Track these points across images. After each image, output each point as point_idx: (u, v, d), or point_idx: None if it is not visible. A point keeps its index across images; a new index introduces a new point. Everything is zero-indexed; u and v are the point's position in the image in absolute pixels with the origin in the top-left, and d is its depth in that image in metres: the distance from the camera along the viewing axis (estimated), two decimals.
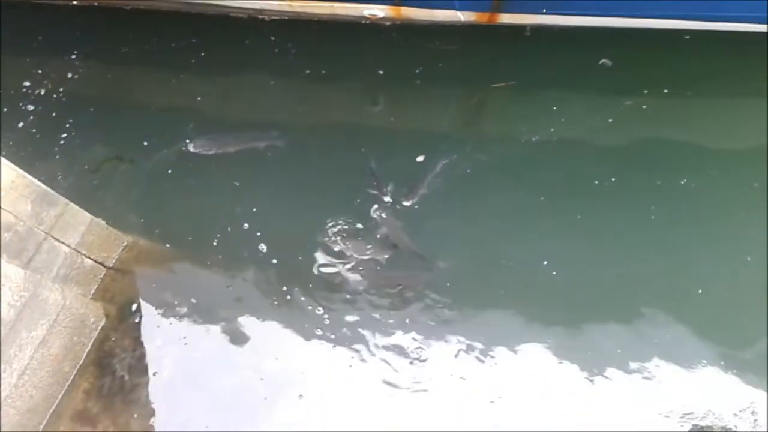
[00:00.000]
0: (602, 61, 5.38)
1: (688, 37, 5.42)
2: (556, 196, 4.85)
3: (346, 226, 4.67)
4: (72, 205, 4.19)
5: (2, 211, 3.81)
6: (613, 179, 4.89)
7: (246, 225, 4.74)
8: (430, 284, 4.46)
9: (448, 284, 4.47)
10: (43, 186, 4.04)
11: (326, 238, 4.63)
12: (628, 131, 5.19)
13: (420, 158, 5.00)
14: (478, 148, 5.11)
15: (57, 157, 5.05)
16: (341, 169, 4.97)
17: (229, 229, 4.72)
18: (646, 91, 5.28)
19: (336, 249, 4.58)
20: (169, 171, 5.01)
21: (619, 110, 5.26)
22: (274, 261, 4.55)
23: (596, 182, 4.88)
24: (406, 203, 4.76)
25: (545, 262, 4.53)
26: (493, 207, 4.83)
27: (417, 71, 5.42)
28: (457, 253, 4.62)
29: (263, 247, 4.61)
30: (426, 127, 5.28)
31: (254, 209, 4.81)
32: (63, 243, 4.16)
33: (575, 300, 4.41)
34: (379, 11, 5.08)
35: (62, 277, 4.17)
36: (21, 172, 3.91)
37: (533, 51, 5.51)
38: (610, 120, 5.20)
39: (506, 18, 5.10)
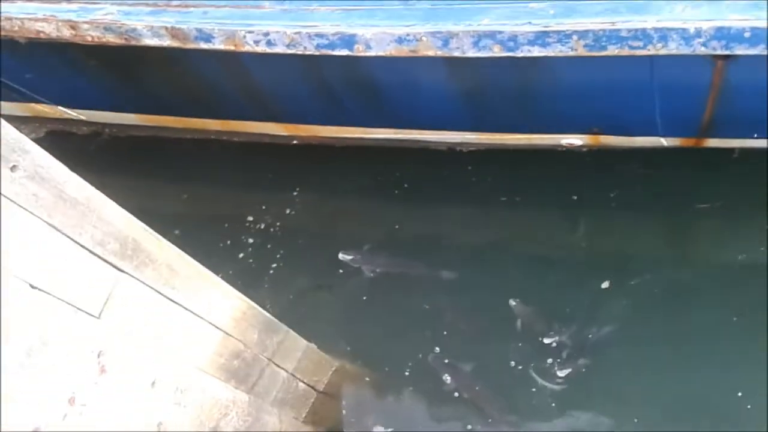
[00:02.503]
0: None
1: None
2: (757, 318, 4.42)
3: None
4: (291, 332, 4.52)
5: (232, 339, 4.21)
6: None
7: (437, 349, 4.85)
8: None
9: (635, 420, 4.27)
10: (268, 315, 4.41)
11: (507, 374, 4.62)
12: None
13: (605, 284, 4.87)
14: (672, 269, 4.87)
15: (266, 285, 5.55)
16: (529, 301, 4.95)
17: (419, 355, 4.87)
18: None
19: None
20: (364, 297, 5.30)
21: None
22: (456, 394, 4.64)
23: None
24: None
25: (739, 393, 4.21)
26: (682, 330, 4.55)
27: (612, 195, 5.32)
28: (643, 378, 4.43)
29: (447, 378, 4.74)
30: (620, 253, 5.15)
31: (444, 332, 4.92)
32: (282, 368, 4.46)
33: None
34: (577, 140, 5.11)
35: (279, 401, 4.44)
36: (252, 303, 4.31)
37: (741, 171, 5.17)
38: None
39: (713, 143, 4.87)
